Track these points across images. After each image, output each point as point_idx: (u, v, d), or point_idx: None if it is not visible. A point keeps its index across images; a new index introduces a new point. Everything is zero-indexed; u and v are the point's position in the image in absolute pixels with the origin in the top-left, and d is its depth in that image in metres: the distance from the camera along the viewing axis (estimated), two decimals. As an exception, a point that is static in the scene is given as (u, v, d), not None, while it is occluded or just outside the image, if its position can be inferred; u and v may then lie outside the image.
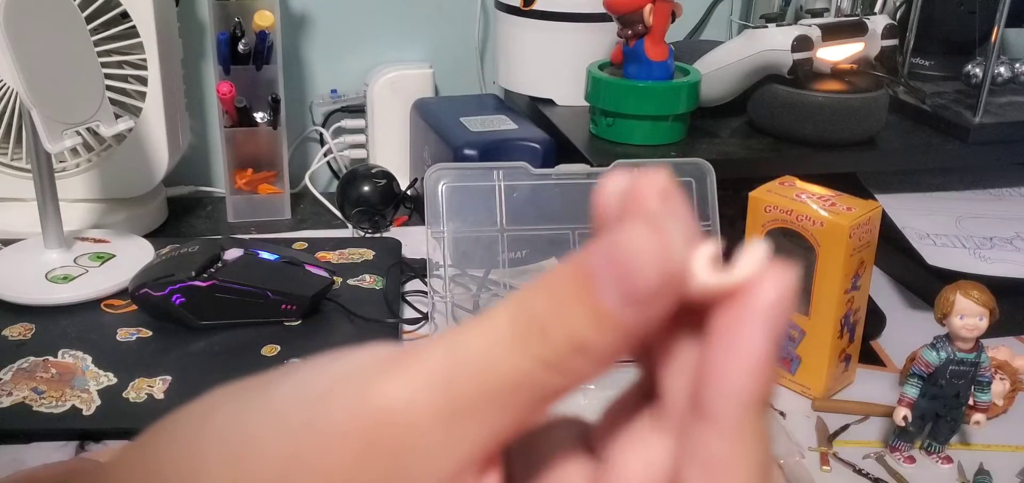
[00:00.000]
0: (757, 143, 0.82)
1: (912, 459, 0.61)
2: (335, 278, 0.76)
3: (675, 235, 0.17)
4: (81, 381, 0.63)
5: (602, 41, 0.92)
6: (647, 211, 0.17)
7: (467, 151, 0.86)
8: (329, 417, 0.18)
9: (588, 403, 0.23)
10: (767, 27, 0.80)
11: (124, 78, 0.85)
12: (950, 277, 0.63)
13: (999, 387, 0.65)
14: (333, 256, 0.83)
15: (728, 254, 0.18)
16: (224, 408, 0.20)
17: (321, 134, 1.07)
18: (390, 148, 1.04)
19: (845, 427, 0.65)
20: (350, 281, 0.78)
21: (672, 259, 0.17)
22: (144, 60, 0.84)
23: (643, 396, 0.20)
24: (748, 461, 0.17)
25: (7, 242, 0.81)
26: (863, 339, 0.70)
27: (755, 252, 0.17)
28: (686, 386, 0.18)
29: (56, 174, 0.78)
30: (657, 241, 0.16)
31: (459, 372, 0.17)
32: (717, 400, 0.17)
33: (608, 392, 0.21)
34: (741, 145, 0.82)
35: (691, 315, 0.18)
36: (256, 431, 0.19)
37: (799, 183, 0.68)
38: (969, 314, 0.57)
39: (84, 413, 0.60)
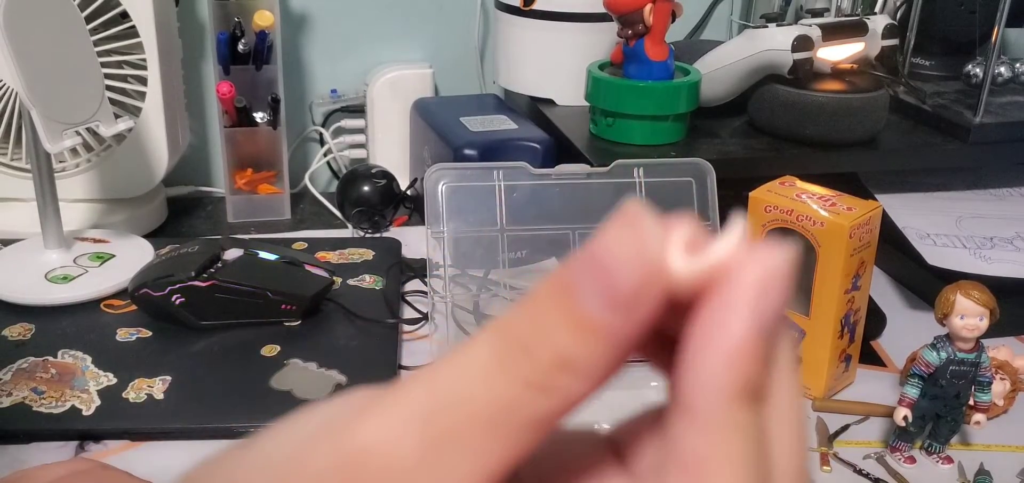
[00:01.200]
0: (757, 143, 0.82)
1: (912, 459, 0.61)
2: (335, 278, 0.76)
3: (651, 230, 0.16)
4: (81, 381, 0.63)
5: (602, 41, 0.92)
6: (627, 216, 0.16)
7: (467, 151, 0.86)
8: (311, 461, 0.17)
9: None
10: (767, 27, 0.80)
11: (124, 78, 0.85)
12: (950, 277, 0.63)
13: (999, 387, 0.65)
14: (333, 256, 0.83)
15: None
16: (206, 469, 0.19)
17: (321, 134, 1.07)
18: (390, 148, 1.04)
19: (845, 427, 0.65)
20: (350, 281, 0.78)
21: (649, 254, 0.16)
22: (144, 60, 0.84)
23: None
24: (732, 458, 0.16)
25: (7, 242, 0.81)
26: (863, 339, 0.69)
27: (732, 232, 0.16)
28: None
29: (56, 174, 0.78)
30: (633, 238, 0.16)
31: (440, 404, 0.16)
32: (693, 391, 0.16)
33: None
34: (741, 145, 0.82)
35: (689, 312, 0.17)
36: (240, 480, 0.18)
37: (799, 183, 0.68)
38: (969, 314, 0.57)
39: (84, 413, 0.60)
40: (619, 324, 0.16)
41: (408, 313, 0.77)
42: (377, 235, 0.91)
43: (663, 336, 0.18)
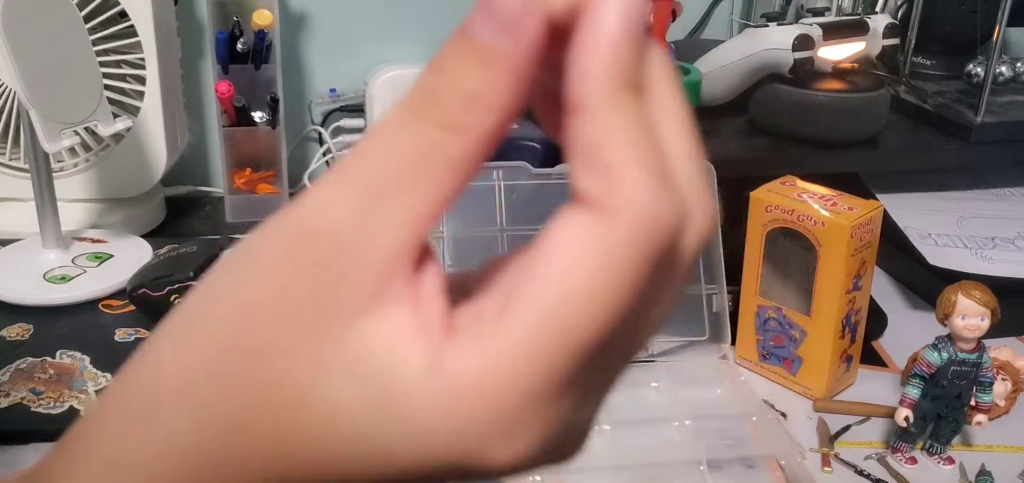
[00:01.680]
0: (758, 143, 0.82)
1: (914, 460, 0.61)
2: (334, 278, 0.75)
3: None
4: (79, 382, 0.63)
5: (602, 40, 0.91)
6: None
7: (467, 151, 0.86)
8: (261, 252, 0.19)
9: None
10: (768, 26, 0.80)
11: (122, 77, 0.85)
12: (952, 277, 0.63)
13: (1001, 388, 0.65)
14: (332, 256, 0.83)
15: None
16: (169, 323, 0.21)
17: (320, 134, 1.07)
18: (389, 148, 1.04)
19: (846, 428, 0.64)
20: (349, 281, 0.78)
21: None
22: (142, 59, 0.84)
23: None
24: (621, 136, 0.17)
25: (5, 242, 0.81)
26: (864, 339, 0.69)
27: None
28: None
29: (54, 174, 0.77)
30: None
31: (364, 163, 0.18)
32: (581, 86, 0.18)
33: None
34: (742, 145, 0.82)
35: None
36: (195, 313, 0.20)
37: (800, 183, 0.68)
38: (971, 314, 0.57)
39: (82, 414, 0.60)
40: (513, 48, 0.18)
41: (408, 313, 0.76)
42: (376, 235, 0.91)
43: (552, 97, 0.20)
